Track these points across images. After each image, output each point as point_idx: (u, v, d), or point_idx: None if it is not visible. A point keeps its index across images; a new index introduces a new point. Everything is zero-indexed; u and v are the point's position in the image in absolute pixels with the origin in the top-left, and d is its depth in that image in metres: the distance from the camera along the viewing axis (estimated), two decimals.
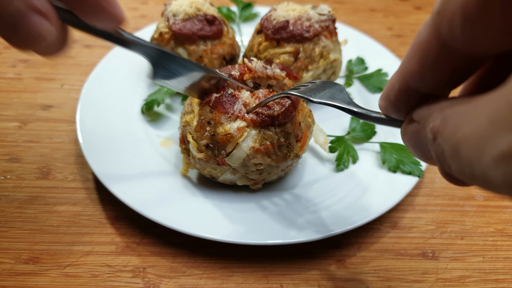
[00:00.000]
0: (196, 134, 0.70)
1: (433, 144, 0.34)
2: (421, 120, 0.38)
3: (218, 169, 0.72)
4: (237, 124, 0.68)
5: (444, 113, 0.33)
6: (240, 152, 0.68)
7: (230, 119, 0.68)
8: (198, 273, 0.70)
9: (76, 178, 0.84)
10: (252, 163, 0.70)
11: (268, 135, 0.69)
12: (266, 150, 0.69)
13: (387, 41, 1.31)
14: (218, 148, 0.69)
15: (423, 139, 0.37)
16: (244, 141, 0.68)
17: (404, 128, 0.42)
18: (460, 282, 0.71)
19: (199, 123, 0.70)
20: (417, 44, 0.37)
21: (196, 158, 0.72)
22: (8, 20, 0.43)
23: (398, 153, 0.85)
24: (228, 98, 0.69)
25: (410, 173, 0.82)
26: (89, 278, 0.68)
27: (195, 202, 0.75)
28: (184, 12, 0.91)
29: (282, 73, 0.75)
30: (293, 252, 0.73)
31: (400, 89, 0.41)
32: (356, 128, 0.92)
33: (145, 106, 0.92)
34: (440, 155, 0.33)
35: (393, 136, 0.89)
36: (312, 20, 0.90)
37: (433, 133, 0.34)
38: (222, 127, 0.68)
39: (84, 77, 1.07)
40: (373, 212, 0.74)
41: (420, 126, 0.38)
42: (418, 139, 0.39)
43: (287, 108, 0.69)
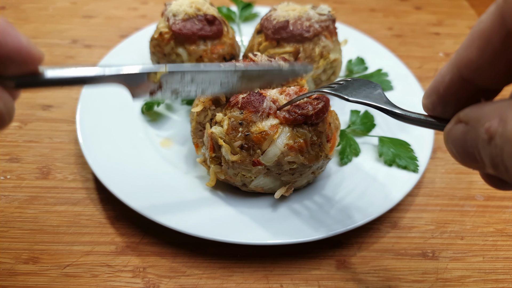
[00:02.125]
0: (229, 136, 0.68)
1: (487, 145, 0.33)
2: (472, 120, 0.36)
3: (252, 171, 0.71)
4: (270, 121, 0.68)
5: (503, 113, 0.32)
6: (275, 150, 0.68)
7: (261, 117, 0.68)
8: (198, 273, 0.70)
9: (76, 178, 0.84)
10: (286, 161, 0.70)
11: (301, 133, 0.69)
12: (299, 148, 0.69)
13: (387, 41, 1.31)
14: (253, 147, 0.68)
15: (473, 140, 0.36)
16: (278, 138, 0.68)
17: (449, 129, 0.40)
18: (460, 282, 0.71)
19: (230, 125, 0.68)
20: (477, 33, 0.36)
21: (230, 162, 0.70)
22: None
23: (396, 148, 0.86)
24: (256, 97, 0.68)
25: (405, 167, 0.83)
26: (89, 278, 0.68)
27: (195, 202, 0.75)
28: (184, 12, 0.91)
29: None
30: (293, 252, 0.73)
31: (452, 80, 0.40)
32: (356, 121, 0.93)
33: (145, 106, 0.92)
34: (496, 157, 0.33)
35: (390, 132, 0.89)
36: (312, 20, 0.90)
37: (489, 134, 0.33)
38: (255, 126, 0.68)
39: None
40: (373, 212, 0.74)
41: (469, 127, 0.36)
42: (465, 140, 0.37)
43: (320, 108, 0.69)
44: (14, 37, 0.43)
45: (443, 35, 1.37)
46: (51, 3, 1.39)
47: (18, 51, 0.44)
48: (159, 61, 0.96)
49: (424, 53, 1.28)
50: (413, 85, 1.04)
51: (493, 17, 0.34)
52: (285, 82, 0.75)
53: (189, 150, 0.87)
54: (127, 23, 1.32)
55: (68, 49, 1.19)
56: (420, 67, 1.22)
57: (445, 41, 1.34)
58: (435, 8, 1.51)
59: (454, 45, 1.32)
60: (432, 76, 1.19)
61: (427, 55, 1.27)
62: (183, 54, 0.91)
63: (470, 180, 0.89)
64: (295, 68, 0.73)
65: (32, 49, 0.45)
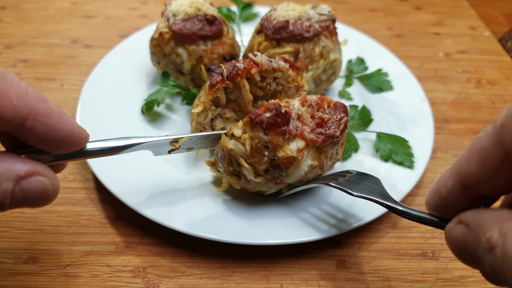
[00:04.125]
0: (253, 159, 0.65)
1: (488, 254, 0.36)
2: (473, 225, 0.39)
3: (273, 187, 0.71)
4: (297, 144, 0.64)
5: (503, 226, 0.35)
6: (299, 172, 0.67)
7: (288, 139, 0.64)
8: (198, 273, 0.70)
9: (76, 178, 0.84)
10: (307, 177, 0.70)
11: (324, 151, 0.68)
12: (320, 164, 0.69)
13: (387, 41, 1.31)
14: (279, 171, 0.66)
15: (473, 244, 0.38)
16: (304, 161, 0.66)
17: (450, 228, 0.43)
18: (460, 282, 0.71)
19: (254, 147, 0.64)
20: (476, 149, 0.39)
21: (252, 181, 0.68)
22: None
23: (393, 143, 0.86)
24: (282, 117, 0.63)
25: (401, 163, 0.83)
26: (89, 278, 0.68)
27: (196, 202, 0.75)
28: (184, 12, 0.91)
29: (286, 65, 0.77)
30: (293, 252, 0.73)
31: (454, 186, 0.43)
32: (354, 116, 0.93)
33: (145, 106, 0.92)
34: (497, 267, 0.35)
35: (389, 130, 0.89)
36: (312, 20, 0.90)
37: (489, 244, 0.35)
38: (282, 151, 0.64)
39: (84, 77, 1.07)
40: (373, 212, 0.74)
41: (470, 230, 0.39)
42: (465, 242, 0.40)
43: (345, 125, 0.68)
44: (68, 123, 0.48)
45: (443, 35, 1.37)
46: (51, 3, 1.39)
47: (70, 135, 0.49)
48: (159, 61, 0.96)
49: (424, 53, 1.28)
50: (413, 85, 1.04)
51: (492, 138, 0.37)
52: None
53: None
54: (127, 23, 1.32)
55: (68, 49, 1.19)
56: (420, 67, 1.22)
57: (445, 41, 1.34)
58: (435, 8, 1.51)
59: (454, 45, 1.32)
60: (432, 76, 1.19)
61: (427, 55, 1.27)
62: (183, 54, 0.91)
63: None
64: None
65: (81, 133, 0.51)
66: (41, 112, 0.45)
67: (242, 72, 0.74)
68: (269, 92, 0.81)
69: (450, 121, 1.04)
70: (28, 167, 0.46)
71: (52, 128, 0.46)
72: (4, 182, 0.44)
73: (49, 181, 0.48)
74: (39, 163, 0.48)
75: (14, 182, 0.45)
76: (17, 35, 1.23)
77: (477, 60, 1.26)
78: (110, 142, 0.59)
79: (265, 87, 0.79)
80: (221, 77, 0.73)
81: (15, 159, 0.46)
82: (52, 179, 0.48)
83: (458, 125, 1.03)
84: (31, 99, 0.44)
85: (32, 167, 0.46)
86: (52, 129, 0.46)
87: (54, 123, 0.46)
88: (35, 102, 0.45)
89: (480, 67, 1.23)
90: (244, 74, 0.75)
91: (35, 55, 1.16)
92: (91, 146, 0.56)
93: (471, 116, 1.06)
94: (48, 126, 0.46)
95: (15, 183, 0.45)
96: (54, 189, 0.49)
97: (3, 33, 1.23)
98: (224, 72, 0.73)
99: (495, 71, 1.22)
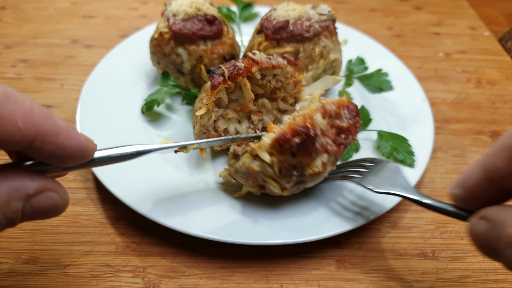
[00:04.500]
0: (281, 179, 0.67)
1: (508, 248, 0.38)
2: (495, 221, 0.41)
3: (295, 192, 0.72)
4: (322, 159, 0.67)
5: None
6: (322, 178, 0.71)
7: (315, 156, 0.66)
8: (198, 273, 0.70)
9: (76, 178, 0.84)
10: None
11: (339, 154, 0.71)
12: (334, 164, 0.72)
13: (387, 41, 1.31)
14: (304, 183, 0.69)
15: (495, 239, 0.41)
16: (327, 169, 0.70)
17: (473, 223, 0.45)
18: (460, 282, 0.71)
19: (283, 169, 0.65)
20: (505, 145, 0.41)
21: (277, 193, 0.70)
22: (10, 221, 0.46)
23: (394, 141, 0.86)
24: (309, 140, 0.63)
25: (402, 162, 0.83)
26: (89, 278, 0.68)
27: (195, 202, 0.75)
28: (184, 12, 0.91)
29: (284, 62, 0.78)
30: (293, 252, 0.73)
31: (480, 179, 0.44)
32: None
33: (145, 106, 0.92)
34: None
35: (389, 130, 0.89)
36: (312, 20, 0.90)
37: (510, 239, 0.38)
38: (310, 168, 0.66)
39: (84, 77, 1.07)
40: (373, 212, 0.74)
41: (492, 225, 0.42)
42: (487, 236, 0.42)
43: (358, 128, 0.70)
44: (76, 138, 0.47)
45: (443, 35, 1.37)
46: (51, 3, 1.39)
47: (79, 150, 0.48)
48: (159, 61, 0.96)
49: (424, 53, 1.28)
50: (413, 85, 1.04)
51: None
52: None
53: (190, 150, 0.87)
54: (127, 23, 1.32)
55: (68, 49, 1.19)
56: (420, 67, 1.22)
57: (445, 41, 1.34)
58: (435, 8, 1.51)
59: (454, 45, 1.32)
60: (432, 76, 1.19)
61: (427, 55, 1.27)
62: (183, 54, 0.91)
63: None
64: None
65: (89, 146, 0.50)
66: (49, 132, 0.44)
67: (243, 72, 0.74)
68: (268, 89, 0.81)
69: (450, 121, 1.04)
70: (38, 184, 0.46)
71: (61, 146, 0.45)
72: (13, 202, 0.43)
73: (58, 196, 0.48)
74: (47, 179, 0.47)
75: (24, 201, 0.44)
76: (17, 35, 1.23)
77: (477, 60, 1.26)
78: (118, 150, 0.58)
79: (265, 85, 0.79)
80: (222, 77, 0.73)
81: (23, 176, 0.45)
82: (61, 194, 0.48)
83: (458, 125, 1.03)
84: (37, 118, 0.43)
85: (41, 184, 0.46)
86: (60, 147, 0.45)
87: (62, 141, 0.45)
88: (41, 122, 0.43)
89: (480, 67, 1.23)
90: (245, 73, 0.75)
91: (35, 55, 1.16)
92: (98, 154, 0.55)
93: (471, 116, 1.06)
94: (56, 145, 0.45)
95: (24, 201, 0.44)
96: (64, 203, 0.49)
97: (3, 33, 1.23)
98: (225, 73, 0.73)
99: (495, 71, 1.22)
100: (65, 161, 0.48)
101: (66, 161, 0.48)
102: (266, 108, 0.83)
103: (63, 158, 0.47)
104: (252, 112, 0.83)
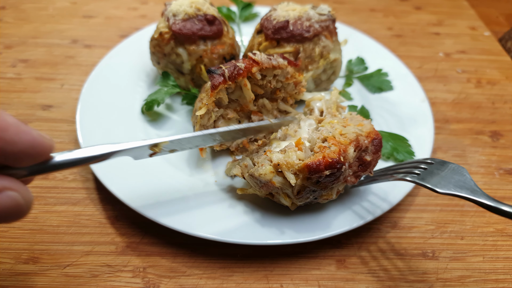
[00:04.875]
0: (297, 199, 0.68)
1: None
2: None
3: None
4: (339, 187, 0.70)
5: None
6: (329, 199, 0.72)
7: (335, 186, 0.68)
8: (198, 273, 0.70)
9: (76, 178, 0.84)
10: None
11: None
12: None
13: (387, 41, 1.31)
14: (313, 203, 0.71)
15: None
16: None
17: None
18: (460, 282, 0.71)
19: (302, 190, 0.66)
20: None
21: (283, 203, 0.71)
22: None
23: (394, 141, 0.86)
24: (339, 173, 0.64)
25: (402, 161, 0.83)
26: (89, 278, 0.68)
27: (195, 202, 0.75)
28: (184, 12, 0.91)
29: (284, 62, 0.78)
30: (293, 252, 0.73)
31: None
32: None
33: (145, 106, 0.92)
34: None
35: (388, 128, 0.89)
36: (312, 20, 0.90)
37: None
38: (326, 196, 0.69)
39: (84, 77, 1.07)
40: (373, 212, 0.74)
41: None
42: None
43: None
44: (27, 133, 0.45)
45: (443, 35, 1.37)
46: (51, 3, 1.39)
47: (32, 145, 0.46)
48: (159, 61, 0.96)
49: (424, 53, 1.28)
50: (413, 85, 1.04)
51: None
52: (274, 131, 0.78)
53: (190, 150, 0.87)
54: (127, 23, 1.32)
55: (68, 49, 1.19)
56: (420, 67, 1.22)
57: (445, 41, 1.34)
58: (435, 8, 1.51)
59: (454, 45, 1.32)
60: (432, 76, 1.19)
61: (427, 55, 1.27)
62: (183, 54, 0.91)
63: None
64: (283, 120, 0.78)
65: (44, 141, 0.47)
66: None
67: (243, 72, 0.74)
68: (269, 89, 0.81)
69: (450, 121, 1.04)
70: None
71: (10, 142, 0.43)
72: None
73: (20, 195, 0.45)
74: (6, 177, 0.45)
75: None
76: (17, 35, 1.23)
77: (477, 60, 1.26)
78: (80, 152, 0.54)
79: (265, 85, 0.79)
80: (222, 77, 0.73)
81: None
82: (23, 192, 0.46)
83: (458, 125, 1.03)
84: None
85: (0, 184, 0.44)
86: (10, 143, 0.43)
87: (11, 136, 0.43)
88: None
89: (480, 67, 1.23)
90: (245, 74, 0.75)
91: (35, 55, 1.16)
92: (62, 157, 0.52)
93: (471, 116, 1.06)
94: (5, 141, 0.43)
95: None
96: (26, 202, 0.46)
97: (3, 33, 1.23)
98: (226, 73, 0.73)
99: (495, 71, 1.22)
100: (19, 158, 0.45)
101: (20, 158, 0.46)
102: (266, 108, 0.83)
103: (16, 155, 0.45)
104: (252, 112, 0.83)
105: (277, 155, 0.65)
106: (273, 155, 0.65)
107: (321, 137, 0.66)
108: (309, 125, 0.75)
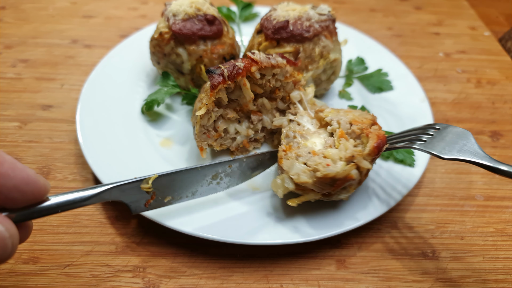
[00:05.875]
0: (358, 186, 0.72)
1: None
2: None
3: None
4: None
5: None
6: None
7: None
8: (198, 273, 0.70)
9: (76, 178, 0.84)
10: None
11: None
12: None
13: (387, 41, 1.31)
14: None
15: None
16: None
17: None
18: (460, 282, 0.71)
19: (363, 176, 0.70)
20: None
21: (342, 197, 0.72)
22: None
23: None
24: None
25: (402, 161, 0.83)
26: (89, 278, 0.68)
27: (195, 202, 0.75)
28: (184, 12, 0.91)
29: (283, 61, 0.78)
30: (293, 252, 0.73)
31: None
32: None
33: (145, 106, 0.92)
34: None
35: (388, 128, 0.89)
36: (312, 20, 0.90)
37: None
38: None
39: (84, 77, 1.07)
40: (373, 212, 0.74)
41: None
42: None
43: None
44: (22, 170, 0.45)
45: (443, 35, 1.37)
46: (51, 3, 1.39)
47: (26, 182, 0.45)
48: (159, 61, 0.96)
49: (424, 53, 1.28)
50: (413, 85, 1.04)
51: None
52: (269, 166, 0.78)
53: (190, 150, 0.87)
54: (127, 23, 1.32)
55: (68, 49, 1.19)
56: (420, 67, 1.22)
57: (445, 41, 1.34)
58: (435, 8, 1.51)
59: (454, 45, 1.32)
60: (432, 76, 1.19)
61: (427, 55, 1.27)
62: (183, 54, 0.91)
63: (470, 180, 0.89)
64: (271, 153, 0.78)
65: (39, 180, 0.47)
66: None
67: (242, 71, 0.74)
68: (268, 89, 0.81)
69: (450, 121, 1.04)
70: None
71: (4, 175, 0.42)
72: None
73: (3, 227, 0.43)
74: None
75: None
76: (17, 35, 1.23)
77: (477, 60, 1.26)
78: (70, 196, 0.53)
79: (265, 84, 0.79)
80: (222, 77, 0.73)
81: None
82: (6, 225, 0.44)
83: (458, 125, 1.03)
84: None
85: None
86: (4, 176, 0.42)
87: (6, 169, 0.43)
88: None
89: (480, 67, 1.23)
90: (245, 73, 0.75)
91: (35, 55, 1.16)
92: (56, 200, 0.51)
93: (471, 116, 1.06)
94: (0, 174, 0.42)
95: None
96: (11, 235, 0.44)
97: (3, 33, 1.23)
98: (225, 73, 0.73)
99: (495, 71, 1.22)
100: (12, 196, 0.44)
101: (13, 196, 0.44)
102: (266, 107, 0.83)
103: (9, 191, 0.43)
104: (251, 112, 0.83)
105: (336, 151, 0.67)
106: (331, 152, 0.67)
107: (347, 121, 0.71)
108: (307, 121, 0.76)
